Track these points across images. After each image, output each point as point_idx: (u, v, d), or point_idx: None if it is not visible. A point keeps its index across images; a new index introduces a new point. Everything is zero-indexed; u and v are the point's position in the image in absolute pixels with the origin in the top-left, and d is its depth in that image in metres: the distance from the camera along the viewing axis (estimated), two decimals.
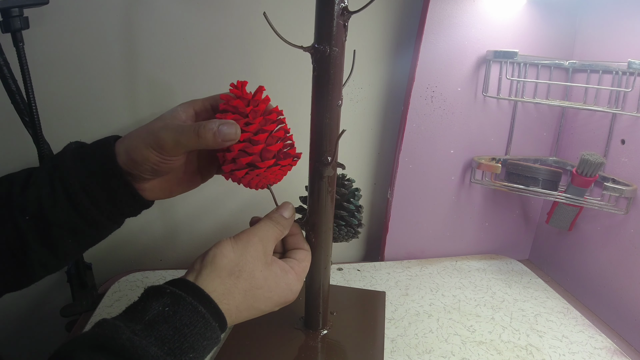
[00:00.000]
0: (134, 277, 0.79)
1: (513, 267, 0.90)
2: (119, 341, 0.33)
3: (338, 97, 0.47)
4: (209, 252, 0.44)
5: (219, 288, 0.42)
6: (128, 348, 0.33)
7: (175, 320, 0.37)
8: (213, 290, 0.41)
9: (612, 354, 0.65)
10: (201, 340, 0.38)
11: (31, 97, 0.59)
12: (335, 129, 0.49)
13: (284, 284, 0.48)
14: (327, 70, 0.46)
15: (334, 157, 0.49)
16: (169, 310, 0.38)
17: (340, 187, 0.58)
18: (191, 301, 0.39)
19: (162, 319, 0.37)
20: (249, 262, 0.45)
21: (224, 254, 0.44)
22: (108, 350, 0.33)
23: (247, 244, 0.46)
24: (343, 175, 0.60)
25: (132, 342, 0.34)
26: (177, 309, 0.38)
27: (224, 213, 0.87)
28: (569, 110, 0.87)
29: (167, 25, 0.73)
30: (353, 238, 0.61)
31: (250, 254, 0.45)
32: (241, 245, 0.45)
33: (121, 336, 0.34)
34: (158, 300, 0.38)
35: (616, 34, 0.77)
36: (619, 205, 0.74)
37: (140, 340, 0.34)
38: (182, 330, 0.37)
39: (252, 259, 0.45)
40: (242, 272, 0.44)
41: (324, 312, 0.61)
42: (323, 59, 0.45)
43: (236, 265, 0.44)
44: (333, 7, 0.43)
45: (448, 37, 0.78)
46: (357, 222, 0.59)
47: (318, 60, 0.46)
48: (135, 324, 0.36)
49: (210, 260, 0.43)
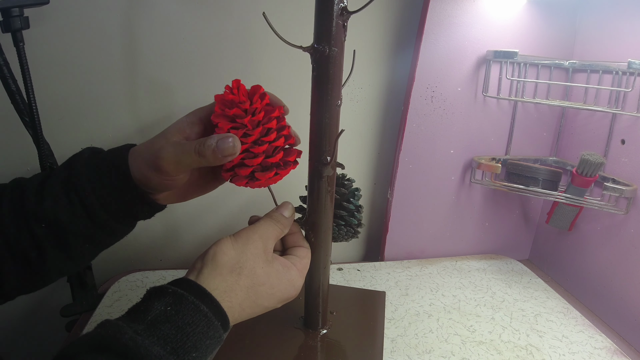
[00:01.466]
0: (134, 277, 0.79)
1: (513, 267, 0.90)
2: (122, 341, 0.33)
3: (337, 97, 0.47)
4: (209, 250, 0.44)
5: (221, 286, 0.42)
6: (131, 348, 0.33)
7: (178, 319, 0.37)
8: (215, 288, 0.41)
9: (612, 354, 0.65)
10: (204, 339, 0.38)
11: (31, 97, 0.60)
12: (334, 128, 0.49)
13: (286, 280, 0.48)
14: (326, 70, 0.46)
15: (334, 157, 0.49)
16: (171, 309, 0.38)
17: (340, 187, 0.58)
18: (193, 300, 0.39)
19: (165, 319, 0.37)
20: (250, 259, 0.45)
21: (224, 252, 0.44)
22: (111, 351, 0.33)
23: (247, 241, 0.46)
24: (343, 175, 0.60)
25: (135, 341, 0.34)
26: (179, 308, 0.38)
27: (224, 213, 0.87)
28: (569, 110, 0.87)
29: (167, 25, 0.73)
30: (353, 238, 0.61)
31: (251, 251, 0.45)
32: (241, 242, 0.45)
33: (124, 336, 0.34)
34: (160, 300, 0.38)
35: (616, 34, 0.77)
36: (619, 205, 0.74)
37: (143, 340, 0.34)
38: (185, 329, 0.37)
39: (253, 256, 0.45)
40: (243, 269, 0.44)
41: (324, 311, 0.62)
42: (322, 59, 0.45)
43: (237, 262, 0.44)
44: (332, 7, 0.43)
45: (448, 37, 0.78)
46: (356, 222, 0.59)
47: (317, 60, 0.46)
48: (138, 324, 0.36)
49: (210, 258, 0.43)
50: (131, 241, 0.86)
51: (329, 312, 0.65)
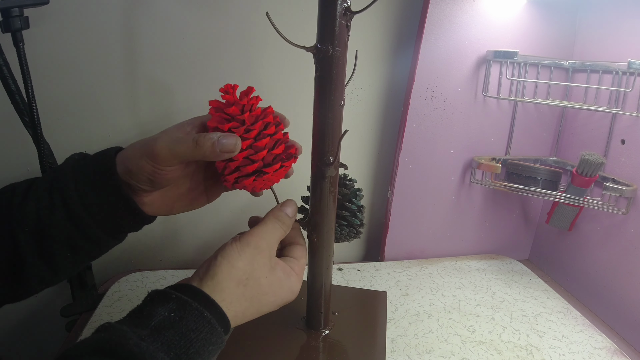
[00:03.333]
0: (134, 277, 0.79)
1: (513, 267, 0.90)
2: (127, 347, 0.33)
3: (341, 97, 0.47)
4: (216, 259, 0.44)
5: (227, 297, 0.42)
6: (136, 354, 0.33)
7: (182, 325, 0.37)
8: (221, 300, 0.41)
9: (612, 354, 0.65)
10: (207, 345, 0.38)
11: (31, 97, 0.59)
12: (337, 129, 0.49)
13: (287, 287, 0.48)
14: (329, 71, 0.46)
15: (337, 157, 0.49)
16: (174, 315, 0.37)
17: (342, 187, 0.58)
18: (197, 307, 0.39)
19: (169, 324, 0.37)
20: (256, 270, 0.45)
21: (232, 264, 0.43)
22: (115, 356, 0.33)
23: (256, 251, 0.45)
24: (345, 175, 0.60)
25: (140, 347, 0.33)
26: (183, 315, 0.38)
27: (224, 213, 0.87)
28: (569, 110, 0.87)
29: (167, 25, 0.73)
30: (355, 238, 0.61)
31: (258, 262, 0.45)
32: (249, 252, 0.45)
33: (128, 342, 0.33)
34: (164, 305, 0.38)
35: (616, 34, 0.77)
36: (619, 205, 0.74)
37: (148, 345, 0.34)
38: (189, 335, 0.37)
39: (259, 267, 0.45)
40: (249, 280, 0.44)
41: (326, 312, 0.61)
42: (326, 59, 0.45)
43: (244, 274, 0.44)
44: (336, 8, 0.43)
45: (448, 37, 0.78)
46: (358, 222, 0.59)
47: (321, 60, 0.46)
48: (142, 329, 0.36)
49: (217, 268, 0.43)
50: (131, 241, 0.85)
51: (331, 313, 0.65)
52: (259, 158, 0.46)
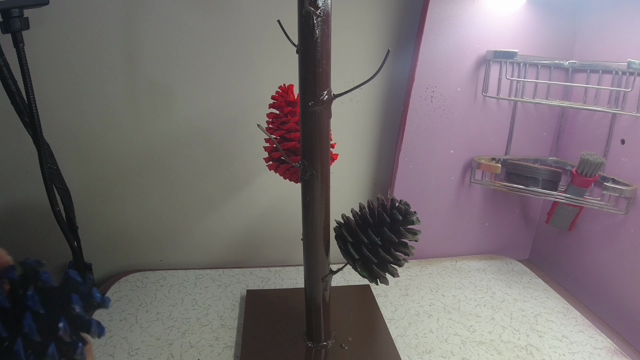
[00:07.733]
0: (134, 277, 0.79)
1: (513, 267, 0.90)
2: None
3: (310, 97, 0.48)
4: None
5: None
6: None
7: None
8: None
9: (612, 354, 0.65)
10: None
11: (31, 97, 0.59)
12: (309, 130, 0.50)
13: None
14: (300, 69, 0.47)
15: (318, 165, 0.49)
16: None
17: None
18: None
19: None
20: None
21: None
22: None
23: None
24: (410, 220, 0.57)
25: None
26: None
27: (224, 213, 0.87)
28: (568, 110, 0.87)
29: (167, 25, 0.73)
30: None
31: None
32: None
33: None
34: None
35: (616, 34, 0.77)
36: (619, 205, 0.74)
37: None
38: None
39: None
40: None
41: (326, 324, 0.61)
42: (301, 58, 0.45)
43: None
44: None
45: (448, 37, 0.78)
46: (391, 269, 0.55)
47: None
48: None
49: None
50: (131, 241, 0.86)
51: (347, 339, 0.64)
52: (285, 147, 0.58)
